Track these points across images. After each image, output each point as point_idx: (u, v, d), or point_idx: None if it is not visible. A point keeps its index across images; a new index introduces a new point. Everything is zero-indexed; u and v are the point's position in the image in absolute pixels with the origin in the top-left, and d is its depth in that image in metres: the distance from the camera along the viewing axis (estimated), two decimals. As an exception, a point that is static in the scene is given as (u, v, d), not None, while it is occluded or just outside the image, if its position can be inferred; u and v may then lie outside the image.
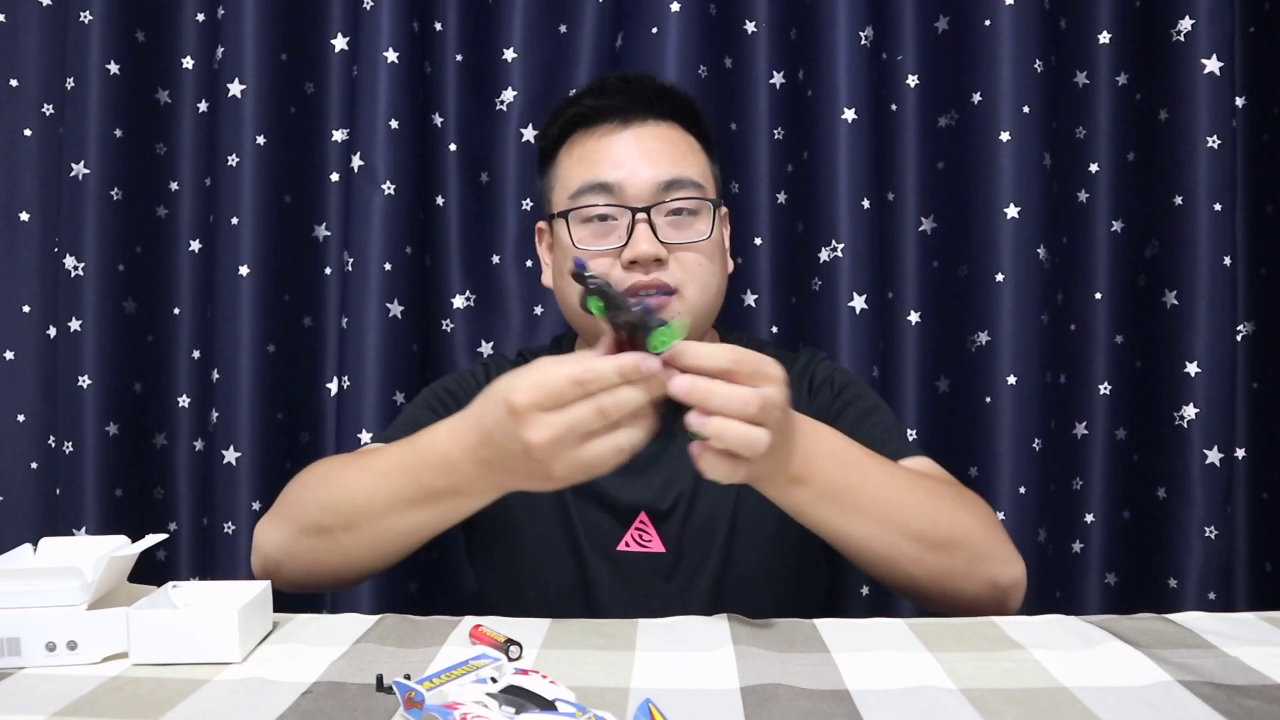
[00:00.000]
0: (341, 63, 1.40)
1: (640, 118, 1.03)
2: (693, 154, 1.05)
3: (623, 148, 1.01)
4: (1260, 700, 0.60)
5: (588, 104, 1.05)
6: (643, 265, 0.97)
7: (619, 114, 1.03)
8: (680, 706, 0.59)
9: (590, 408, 0.66)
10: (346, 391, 1.33)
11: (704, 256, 1.00)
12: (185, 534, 1.43)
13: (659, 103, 1.05)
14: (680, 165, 1.01)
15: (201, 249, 1.42)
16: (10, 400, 1.43)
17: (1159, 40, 1.32)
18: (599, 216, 1.00)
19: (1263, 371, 1.38)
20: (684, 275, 0.99)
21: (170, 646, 0.67)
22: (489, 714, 0.53)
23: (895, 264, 1.40)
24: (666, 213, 0.99)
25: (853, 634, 0.75)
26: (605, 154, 1.01)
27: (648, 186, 0.99)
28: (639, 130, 1.03)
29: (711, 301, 1.03)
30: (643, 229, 0.97)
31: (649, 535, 1.00)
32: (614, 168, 1.00)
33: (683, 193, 1.00)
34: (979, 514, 0.88)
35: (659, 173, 0.99)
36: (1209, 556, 1.29)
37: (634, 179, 0.99)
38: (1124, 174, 1.38)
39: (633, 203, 0.98)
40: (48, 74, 1.42)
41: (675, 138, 1.04)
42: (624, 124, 1.03)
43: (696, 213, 1.01)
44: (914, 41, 1.38)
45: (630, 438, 0.68)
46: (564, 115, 1.07)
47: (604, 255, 0.98)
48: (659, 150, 1.01)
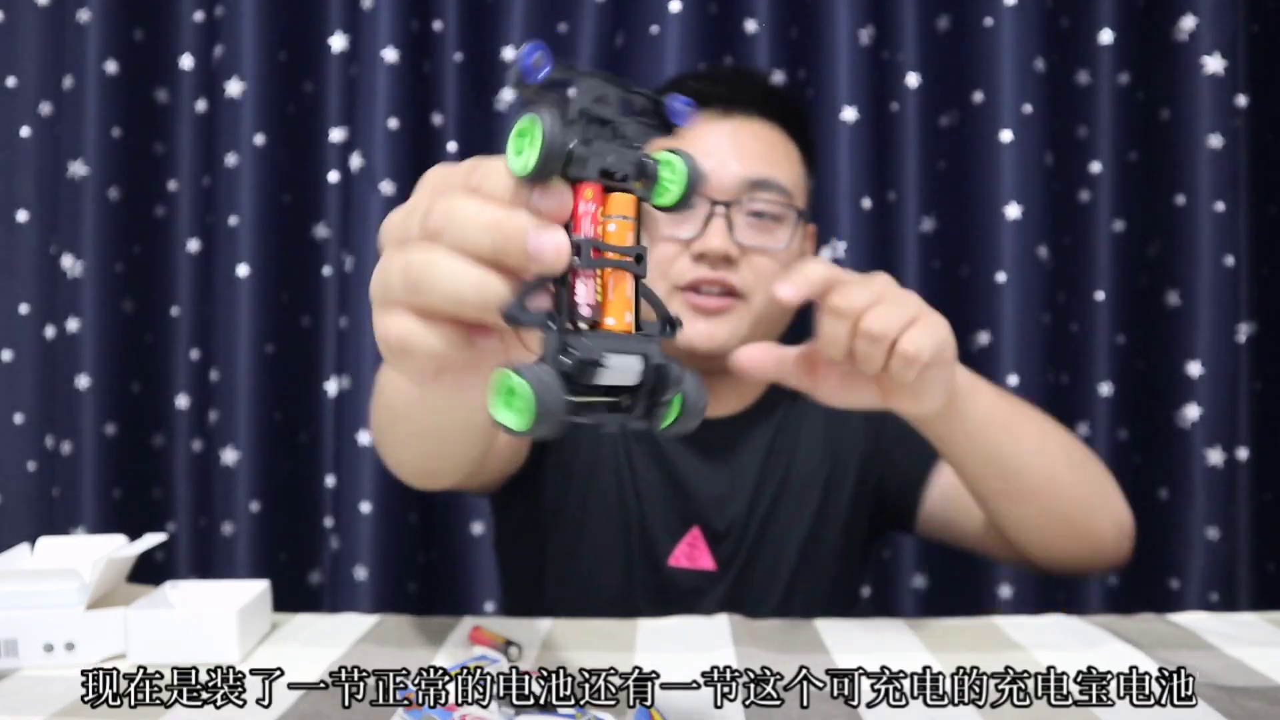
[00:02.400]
0: (340, 62, 1.40)
1: (744, 112, 0.98)
2: (788, 160, 1.00)
3: (717, 137, 0.96)
4: (1262, 701, 0.60)
5: (692, 86, 1.00)
6: (710, 261, 0.92)
7: (721, 103, 0.98)
8: (680, 707, 0.59)
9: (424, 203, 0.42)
10: (346, 392, 1.33)
11: (779, 265, 0.95)
12: (184, 534, 1.42)
13: (765, 101, 1.01)
14: (772, 167, 0.96)
15: (200, 249, 1.42)
16: (8, 400, 1.43)
17: (1161, 39, 1.32)
18: None
19: (1265, 372, 1.38)
20: (754, 281, 0.93)
21: (168, 647, 0.67)
22: (489, 715, 0.53)
23: (895, 264, 1.39)
24: (748, 212, 0.94)
25: (853, 634, 0.75)
26: (698, 140, 0.96)
27: (734, 181, 0.94)
28: (738, 124, 0.98)
29: (777, 316, 0.97)
30: (719, 223, 0.92)
31: (700, 552, 0.98)
32: (705, 155, 0.93)
33: (768, 195, 0.95)
34: (1100, 465, 0.90)
35: (748, 169, 0.94)
36: (1211, 557, 1.29)
37: (721, 171, 0.94)
38: (1126, 174, 1.37)
39: (715, 194, 0.93)
40: (45, 73, 1.42)
41: (774, 139, 0.99)
42: (725, 114, 0.98)
43: (780, 219, 0.96)
44: (914, 41, 1.38)
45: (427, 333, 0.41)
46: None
47: (675, 242, 0.93)
48: (753, 148, 0.97)
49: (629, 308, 0.42)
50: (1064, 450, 0.85)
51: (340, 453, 1.33)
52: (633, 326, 0.42)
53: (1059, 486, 0.83)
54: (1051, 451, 0.84)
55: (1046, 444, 0.84)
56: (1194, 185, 1.29)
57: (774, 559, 0.99)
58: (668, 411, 0.42)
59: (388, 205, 1.33)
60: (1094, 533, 0.87)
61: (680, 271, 0.93)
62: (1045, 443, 0.83)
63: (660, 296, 0.52)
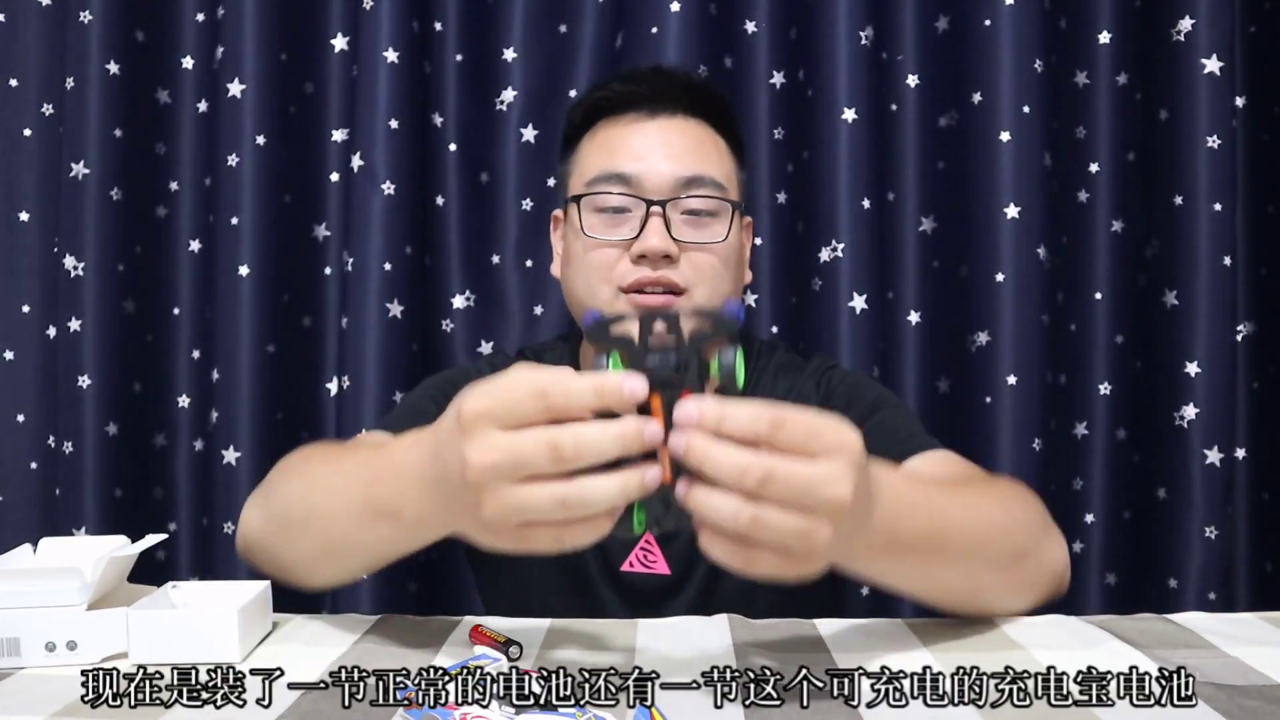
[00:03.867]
0: (341, 63, 1.40)
1: (668, 110, 0.99)
2: (718, 154, 1.01)
3: (645, 138, 0.98)
4: (1261, 700, 0.60)
5: (615, 89, 1.02)
6: (651, 260, 0.94)
7: (646, 103, 0.99)
8: (680, 707, 0.59)
9: (543, 439, 0.52)
10: (346, 392, 1.33)
11: (718, 260, 0.96)
12: (185, 534, 1.43)
13: (689, 97, 1.01)
14: (703, 163, 0.98)
15: (201, 249, 1.42)
16: (10, 400, 1.43)
17: (1159, 40, 1.32)
18: (613, 207, 0.96)
19: (1263, 371, 1.38)
20: (694, 276, 0.95)
21: (170, 647, 0.67)
22: (489, 715, 0.53)
23: (895, 264, 1.39)
24: (683, 210, 0.96)
25: (853, 634, 0.75)
26: (627, 143, 0.98)
27: (666, 181, 0.95)
28: (665, 123, 0.99)
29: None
30: (655, 223, 0.94)
31: (654, 556, 0.97)
32: (634, 159, 0.96)
33: (702, 191, 0.96)
34: (1027, 503, 0.81)
35: (679, 168, 0.96)
36: (1209, 556, 1.29)
37: (653, 172, 0.95)
38: (1124, 174, 1.38)
39: (649, 195, 0.95)
40: (47, 74, 1.42)
41: (702, 135, 1.00)
42: (650, 114, 0.99)
43: (715, 214, 0.97)
44: (914, 41, 1.38)
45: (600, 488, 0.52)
46: (590, 100, 1.04)
47: (613, 246, 0.95)
48: (682, 145, 0.98)
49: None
50: (996, 556, 0.75)
51: (341, 452, 1.33)
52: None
53: (983, 594, 0.76)
54: (980, 568, 0.74)
55: (973, 567, 0.73)
56: (1192, 185, 1.29)
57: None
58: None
59: (388, 205, 1.33)
60: (1028, 601, 0.78)
61: (622, 273, 0.95)
62: (971, 566, 0.73)
63: (605, 299, 0.83)
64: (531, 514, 0.53)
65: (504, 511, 0.53)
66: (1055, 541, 0.82)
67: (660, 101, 1.00)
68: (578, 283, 0.99)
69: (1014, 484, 0.85)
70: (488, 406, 0.53)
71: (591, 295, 0.96)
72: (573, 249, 1.00)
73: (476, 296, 1.43)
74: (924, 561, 0.69)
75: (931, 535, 0.68)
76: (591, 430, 0.52)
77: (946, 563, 0.70)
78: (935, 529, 0.68)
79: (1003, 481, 0.85)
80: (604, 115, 1.02)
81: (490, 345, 1.42)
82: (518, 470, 0.52)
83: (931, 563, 0.69)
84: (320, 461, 0.79)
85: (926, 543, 0.67)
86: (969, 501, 0.75)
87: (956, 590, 0.74)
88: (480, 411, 0.53)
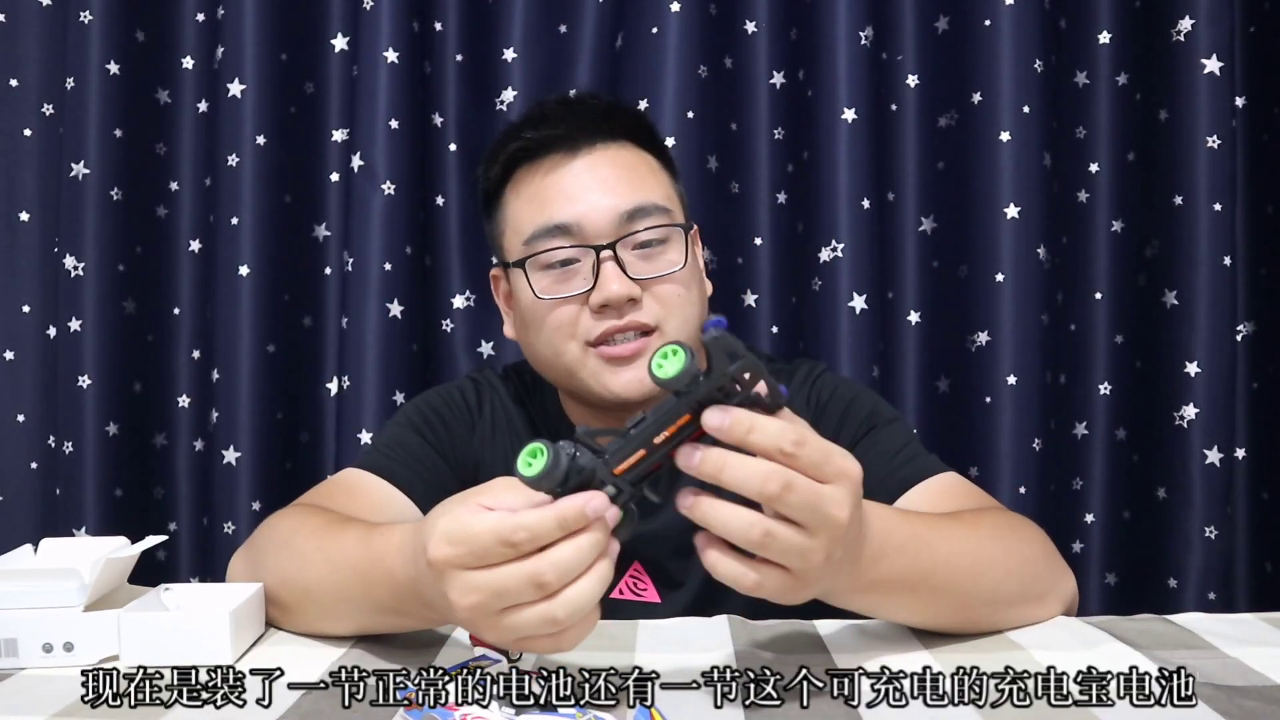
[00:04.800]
0: (341, 63, 1.40)
1: (589, 143, 0.91)
2: (653, 175, 0.93)
3: (574, 179, 0.90)
4: (1260, 701, 0.60)
5: (529, 136, 0.92)
6: (615, 308, 0.87)
7: (564, 142, 0.91)
8: (680, 707, 0.59)
9: (522, 576, 0.53)
10: (346, 391, 1.33)
11: (680, 286, 0.90)
12: (185, 534, 1.43)
13: (607, 123, 0.93)
14: (641, 190, 0.90)
15: (201, 249, 1.42)
16: (10, 400, 1.43)
17: (1159, 40, 1.33)
18: (560, 260, 0.88)
19: (1263, 371, 1.38)
20: (662, 311, 0.89)
21: (162, 649, 0.67)
22: (489, 715, 0.53)
23: (895, 264, 1.40)
24: (633, 245, 0.88)
25: (853, 634, 0.75)
26: (556, 189, 0.89)
27: (609, 219, 0.87)
28: (590, 157, 0.91)
29: (694, 333, 0.89)
30: (610, 268, 0.86)
31: (644, 584, 0.95)
32: (568, 203, 0.88)
33: (648, 221, 0.89)
34: (1035, 543, 0.79)
35: (619, 202, 0.88)
36: (1209, 556, 1.29)
37: (592, 213, 0.88)
38: (1124, 174, 1.38)
39: (594, 240, 0.87)
40: (47, 74, 1.42)
41: (632, 160, 0.92)
42: (571, 152, 0.91)
43: (666, 240, 0.90)
44: (914, 41, 1.38)
45: (583, 593, 0.54)
46: (504, 152, 0.94)
47: (570, 301, 0.88)
48: (615, 177, 0.90)
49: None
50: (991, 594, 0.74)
51: (341, 452, 1.33)
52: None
53: (980, 626, 0.74)
54: (974, 604, 0.73)
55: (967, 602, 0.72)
56: (1192, 185, 1.29)
57: (722, 590, 0.95)
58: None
59: (388, 205, 1.33)
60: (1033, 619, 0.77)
61: (587, 329, 0.88)
62: (964, 602, 0.72)
63: (574, 357, 0.87)
64: (531, 632, 0.55)
65: (506, 635, 0.55)
66: (1062, 576, 0.80)
67: (579, 135, 0.91)
68: (540, 345, 0.92)
69: (1019, 519, 0.83)
70: (455, 556, 0.54)
71: (558, 356, 0.90)
72: (527, 312, 0.92)
73: (476, 296, 1.43)
74: (910, 598, 0.69)
75: (918, 573, 0.67)
76: (567, 554, 0.53)
77: (935, 598, 0.70)
78: (921, 568, 0.67)
79: (1007, 515, 0.83)
80: (521, 164, 0.93)
81: (490, 345, 1.42)
82: (504, 603, 0.54)
83: (918, 599, 0.69)
84: (306, 540, 0.76)
85: (911, 581, 0.67)
86: (962, 535, 0.73)
87: (947, 623, 0.73)
88: (448, 560, 0.55)
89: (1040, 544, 0.80)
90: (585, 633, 0.56)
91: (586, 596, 0.54)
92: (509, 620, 0.54)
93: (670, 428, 0.54)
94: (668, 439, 0.54)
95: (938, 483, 0.87)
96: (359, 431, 1.31)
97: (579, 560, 0.53)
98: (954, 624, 0.73)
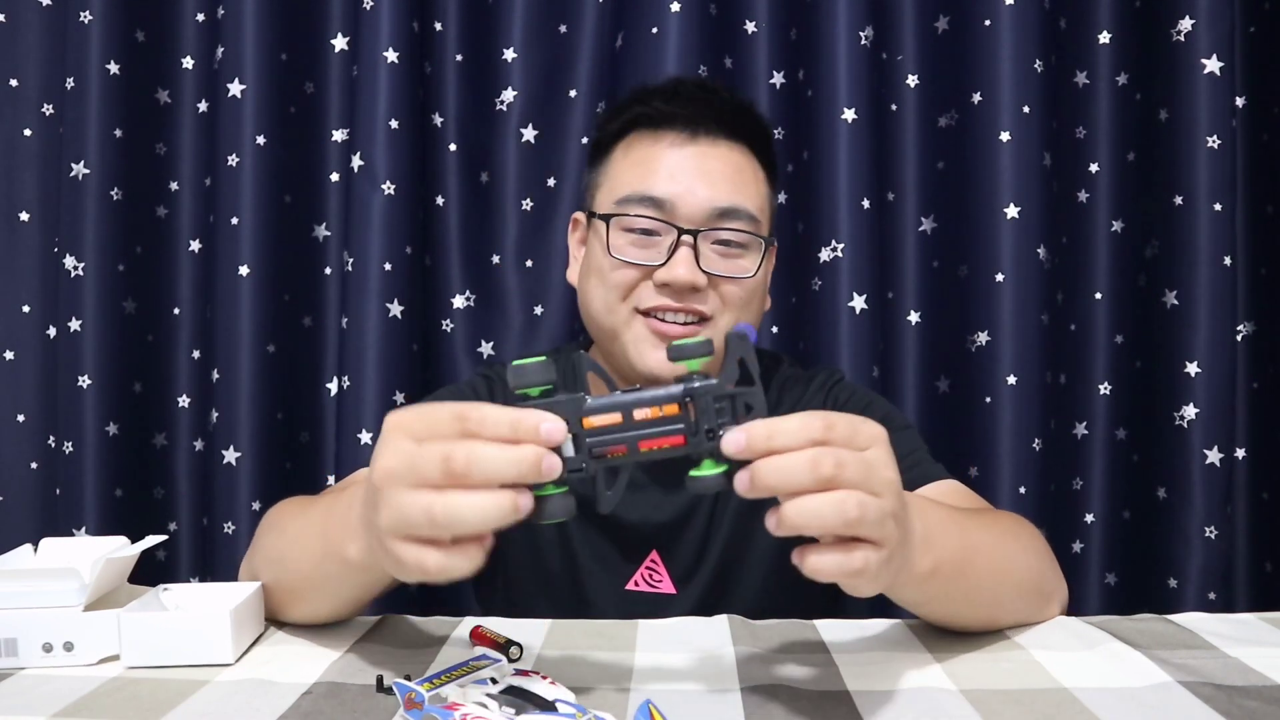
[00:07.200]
0: (341, 63, 1.40)
1: (709, 133, 0.95)
2: (755, 183, 0.96)
3: (683, 161, 0.93)
4: (1260, 701, 0.60)
5: (657, 106, 0.96)
6: (676, 290, 0.90)
7: (688, 124, 0.94)
8: (680, 707, 0.59)
9: (437, 449, 0.51)
10: (346, 391, 1.33)
11: (744, 292, 0.93)
12: (185, 534, 1.43)
13: (733, 121, 0.96)
14: (740, 193, 0.93)
15: (201, 249, 1.42)
16: (10, 400, 1.43)
17: (1159, 40, 1.32)
18: (643, 230, 0.92)
19: (1263, 371, 1.38)
20: (720, 305, 0.92)
21: (162, 649, 0.67)
22: (489, 715, 0.53)
23: (895, 264, 1.40)
24: (714, 240, 0.92)
25: (853, 634, 0.75)
26: (664, 164, 0.93)
27: (702, 209, 0.91)
28: (705, 147, 0.94)
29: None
30: (684, 253, 0.90)
31: (660, 576, 0.97)
32: (670, 181, 0.92)
33: (736, 224, 0.92)
34: (1040, 542, 0.82)
35: (716, 196, 0.92)
36: (1209, 556, 1.29)
37: (689, 198, 0.91)
38: (1124, 174, 1.38)
39: (682, 223, 0.91)
40: (47, 74, 1.42)
41: (741, 162, 0.96)
42: (691, 136, 0.94)
43: (746, 246, 0.94)
44: (914, 41, 1.38)
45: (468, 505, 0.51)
46: (629, 112, 0.98)
47: (638, 268, 0.92)
48: (721, 173, 0.93)
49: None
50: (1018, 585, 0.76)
51: (341, 452, 1.33)
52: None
53: (1002, 620, 0.76)
54: (1010, 594, 0.75)
55: (1003, 593, 0.75)
56: (1192, 185, 1.29)
57: (737, 581, 0.96)
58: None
59: (388, 205, 1.33)
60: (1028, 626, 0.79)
61: (643, 297, 0.92)
62: (1000, 593, 0.74)
63: (621, 319, 0.90)
64: (408, 524, 0.52)
65: (390, 519, 0.52)
66: (1061, 578, 0.82)
67: (701, 123, 0.95)
68: (595, 298, 0.95)
69: (1020, 519, 0.84)
70: (406, 420, 0.54)
71: (609, 312, 0.94)
72: (595, 263, 0.96)
73: (476, 296, 1.43)
74: (958, 585, 0.68)
75: (963, 555, 0.67)
76: (488, 450, 0.51)
77: (975, 589, 0.70)
78: (965, 551, 0.67)
79: (1009, 516, 0.84)
80: (641, 128, 0.97)
81: (490, 345, 1.42)
82: (411, 475, 0.52)
83: (960, 587, 0.69)
84: (293, 514, 0.79)
85: (959, 564, 0.66)
86: (986, 524, 0.75)
87: (980, 614, 0.73)
88: (398, 422, 0.54)
89: (1044, 544, 0.83)
90: (452, 564, 0.52)
91: (469, 509, 0.51)
92: (400, 497, 0.52)
93: (654, 409, 0.53)
94: (646, 421, 0.53)
95: (938, 487, 0.88)
96: (359, 432, 1.31)
97: (497, 462, 0.51)
98: (986, 618, 0.74)
